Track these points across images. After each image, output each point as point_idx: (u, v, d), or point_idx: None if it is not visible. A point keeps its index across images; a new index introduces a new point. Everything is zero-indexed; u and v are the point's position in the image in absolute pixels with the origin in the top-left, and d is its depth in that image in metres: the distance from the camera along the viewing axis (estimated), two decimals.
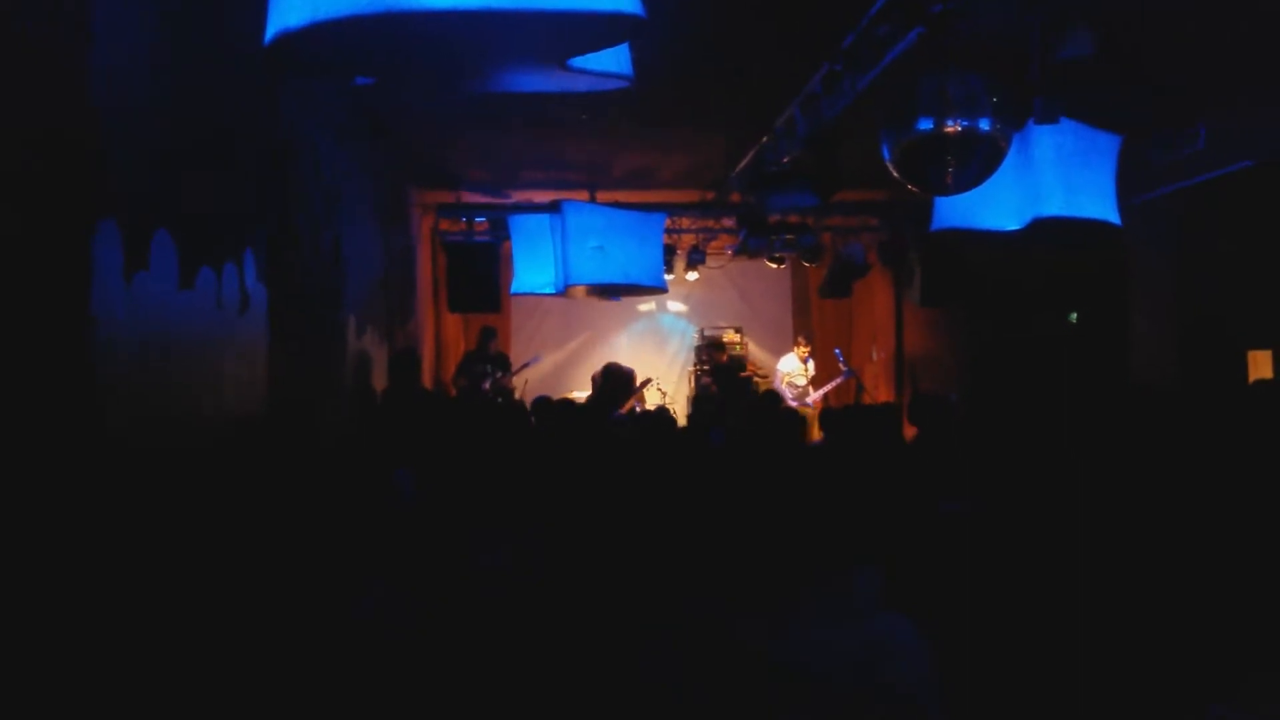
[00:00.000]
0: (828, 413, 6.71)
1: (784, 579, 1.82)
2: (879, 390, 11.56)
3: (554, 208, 8.35)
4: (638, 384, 9.50)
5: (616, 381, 8.72)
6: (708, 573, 1.90)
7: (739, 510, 1.98)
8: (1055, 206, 5.42)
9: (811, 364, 10.76)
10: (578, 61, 2.90)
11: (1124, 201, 5.66)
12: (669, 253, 10.16)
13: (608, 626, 2.17)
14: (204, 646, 2.83)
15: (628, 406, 9.14)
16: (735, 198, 9.44)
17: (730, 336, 12.01)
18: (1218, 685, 2.06)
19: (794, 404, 10.06)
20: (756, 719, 1.71)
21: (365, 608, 2.53)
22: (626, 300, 11.24)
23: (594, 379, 8.72)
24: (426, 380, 9.83)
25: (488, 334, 9.77)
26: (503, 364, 9.65)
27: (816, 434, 8.20)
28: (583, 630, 2.26)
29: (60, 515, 2.62)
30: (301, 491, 3.79)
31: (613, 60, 3.02)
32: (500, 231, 9.73)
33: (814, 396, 10.53)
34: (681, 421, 9.51)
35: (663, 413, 7.04)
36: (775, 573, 1.83)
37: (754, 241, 10.16)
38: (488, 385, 9.24)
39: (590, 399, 8.79)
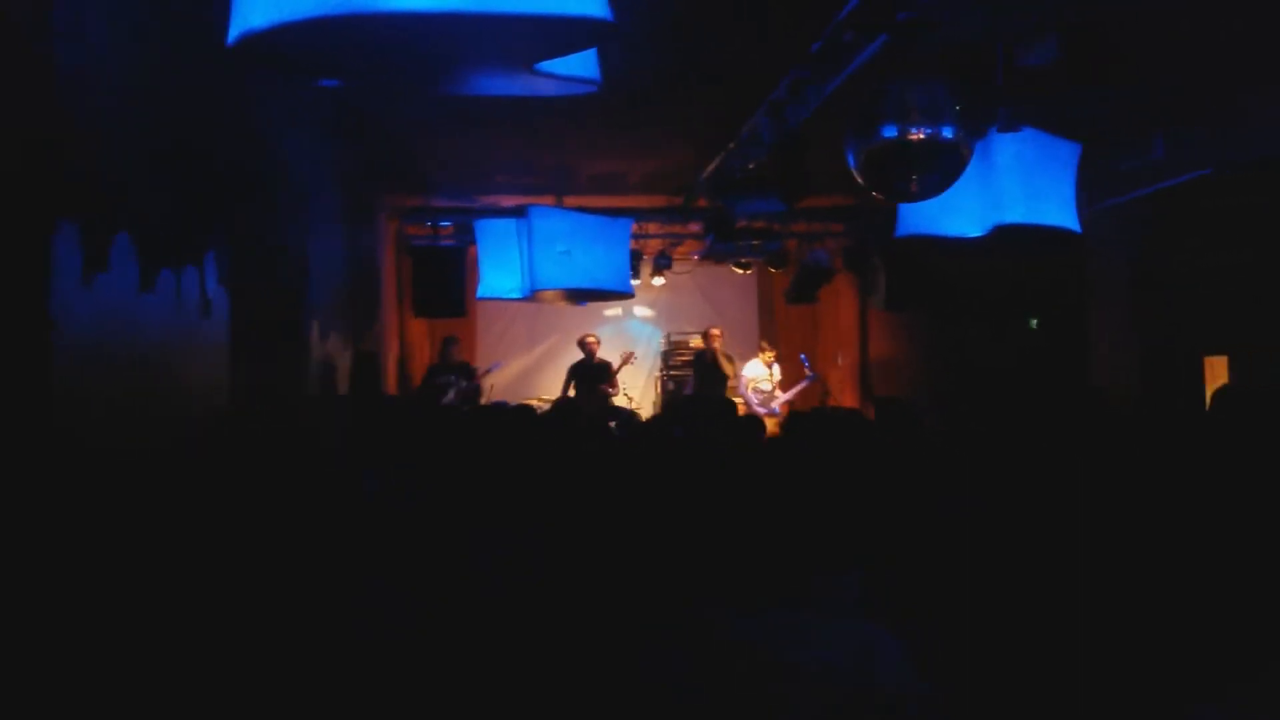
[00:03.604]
0: (793, 416, 6.73)
1: (765, 580, 1.82)
2: (844, 395, 11.64)
3: (520, 212, 8.33)
4: (615, 368, 9.58)
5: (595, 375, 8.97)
6: (704, 573, 1.90)
7: (720, 512, 1.99)
8: (1016, 214, 5.49)
9: (777, 368, 10.81)
10: (545, 65, 2.90)
11: (1084, 209, 5.74)
12: (635, 258, 10.16)
13: (606, 627, 2.17)
14: (175, 648, 2.80)
15: (617, 392, 9.26)
16: (702, 203, 9.47)
17: (697, 342, 12.03)
18: (1202, 687, 2.09)
19: (760, 409, 10.11)
20: (754, 717, 1.72)
21: (361, 609, 2.52)
22: (593, 305, 11.23)
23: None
24: (391, 385, 9.77)
25: (449, 343, 9.71)
26: (466, 372, 9.59)
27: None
28: (581, 630, 2.26)
29: (18, 515, 2.57)
30: (262, 494, 3.75)
31: (580, 65, 3.02)
32: (466, 236, 9.69)
33: (780, 401, 10.58)
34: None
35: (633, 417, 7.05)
36: (759, 573, 1.83)
37: (720, 247, 10.19)
38: (453, 395, 9.18)
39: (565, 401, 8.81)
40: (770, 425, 9.84)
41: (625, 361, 9.81)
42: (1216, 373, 6.54)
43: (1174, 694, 2.11)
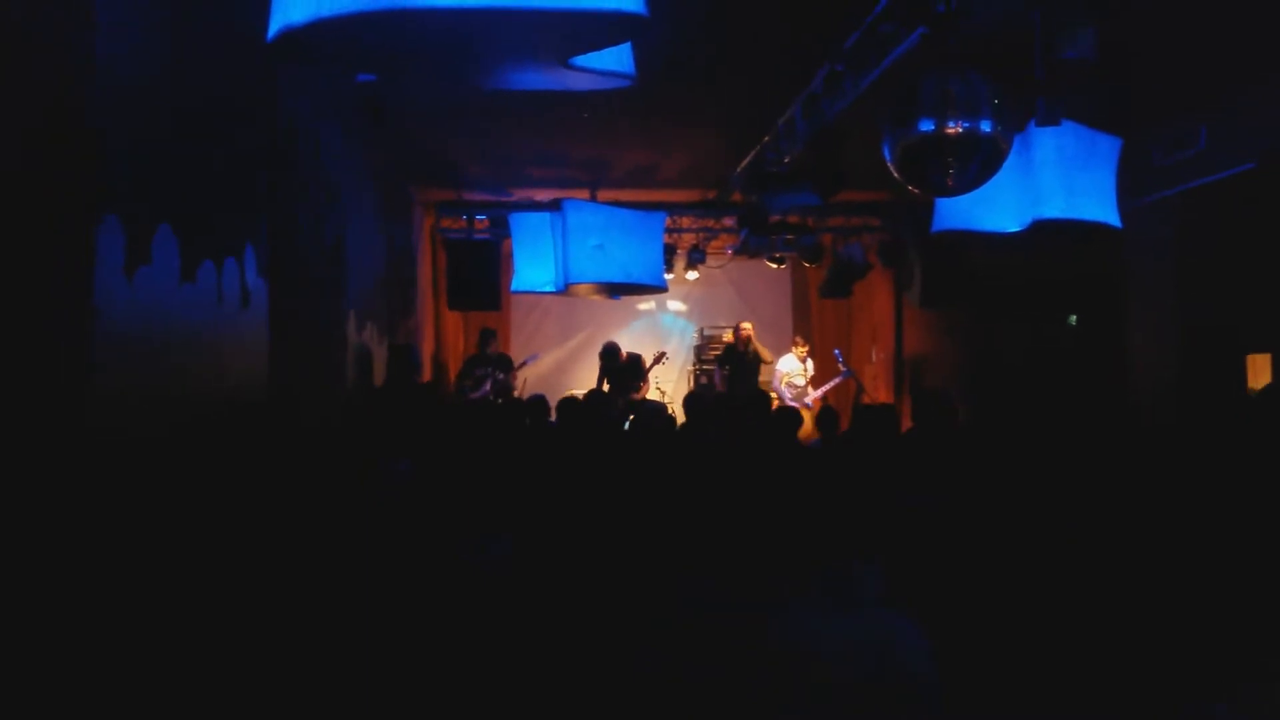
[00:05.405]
0: (825, 412, 6.74)
1: (784, 569, 1.83)
2: (878, 390, 11.56)
3: (555, 206, 8.35)
4: (647, 365, 9.60)
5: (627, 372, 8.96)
6: (707, 563, 1.92)
7: (739, 502, 1.99)
8: (1056, 208, 5.42)
9: (810, 363, 10.76)
10: (580, 60, 2.91)
11: (1123, 204, 5.66)
12: (669, 252, 10.16)
13: (606, 617, 2.18)
14: (197, 634, 2.84)
15: (643, 393, 9.28)
16: (736, 197, 9.44)
17: (729, 337, 12.00)
18: (1211, 684, 2.07)
19: (793, 404, 10.07)
20: (756, 706, 1.73)
21: (364, 598, 2.55)
22: (626, 299, 11.23)
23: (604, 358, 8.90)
24: (427, 376, 9.85)
25: (487, 335, 9.77)
26: (504, 365, 9.66)
27: (814, 433, 8.20)
28: (581, 620, 2.27)
29: (62, 504, 2.63)
30: (299, 483, 3.80)
31: (615, 59, 3.02)
32: (501, 229, 9.74)
33: (813, 396, 10.54)
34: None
35: (661, 411, 7.02)
36: (775, 563, 1.85)
37: (754, 241, 10.16)
38: (489, 386, 9.25)
39: (599, 392, 8.85)
40: (806, 420, 9.82)
41: (657, 361, 9.83)
42: (1259, 371, 6.43)
43: (1186, 691, 2.09)
